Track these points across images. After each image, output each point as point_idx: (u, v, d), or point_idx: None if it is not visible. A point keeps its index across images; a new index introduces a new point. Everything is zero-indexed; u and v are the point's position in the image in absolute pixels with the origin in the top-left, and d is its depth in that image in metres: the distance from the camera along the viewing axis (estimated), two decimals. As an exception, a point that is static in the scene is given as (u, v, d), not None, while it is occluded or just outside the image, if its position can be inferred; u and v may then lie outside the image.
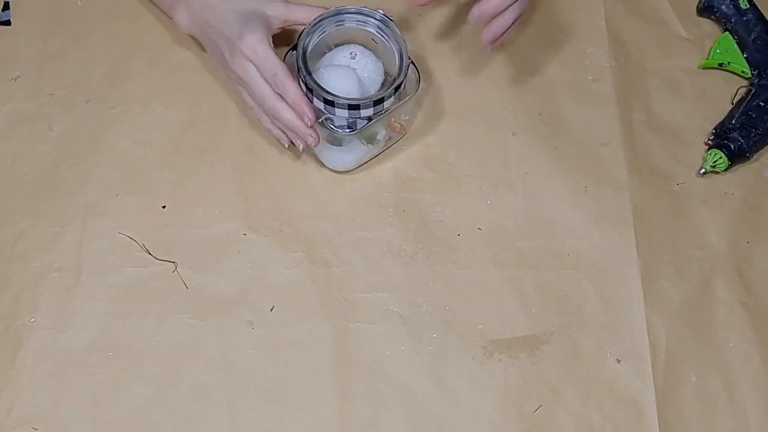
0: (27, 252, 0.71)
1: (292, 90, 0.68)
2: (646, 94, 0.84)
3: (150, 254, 0.72)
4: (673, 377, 0.70)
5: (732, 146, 0.78)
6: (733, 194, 0.79)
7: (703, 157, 0.80)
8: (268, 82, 0.69)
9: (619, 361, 0.70)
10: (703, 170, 0.79)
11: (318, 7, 0.72)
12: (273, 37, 0.72)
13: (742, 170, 0.81)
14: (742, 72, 0.84)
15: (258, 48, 0.68)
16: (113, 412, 0.66)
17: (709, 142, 0.81)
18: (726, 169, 0.79)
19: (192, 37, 0.78)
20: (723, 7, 0.85)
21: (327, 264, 0.73)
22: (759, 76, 0.83)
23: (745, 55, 0.84)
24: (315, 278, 0.72)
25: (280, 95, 0.69)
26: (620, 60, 0.85)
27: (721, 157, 0.78)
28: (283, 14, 0.72)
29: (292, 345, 0.69)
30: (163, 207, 0.74)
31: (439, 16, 0.87)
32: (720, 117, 0.82)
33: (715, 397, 0.69)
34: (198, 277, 0.71)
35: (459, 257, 0.74)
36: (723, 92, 0.84)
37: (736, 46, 0.85)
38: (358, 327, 0.70)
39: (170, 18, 0.77)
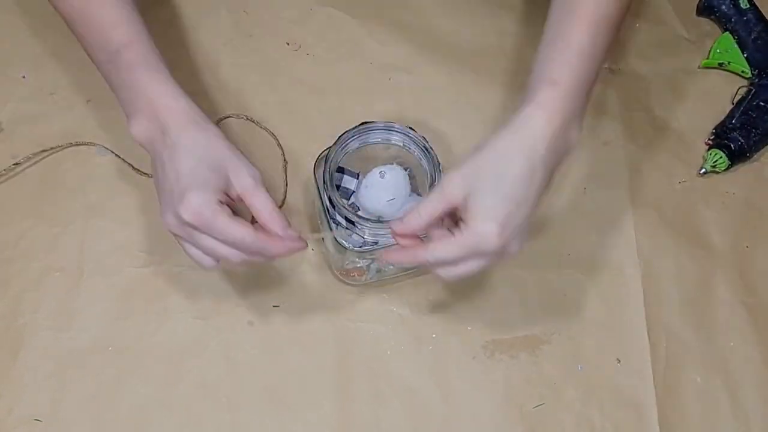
0: (28, 252, 0.71)
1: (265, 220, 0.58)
2: (646, 94, 0.84)
3: (151, 254, 0.72)
4: (673, 377, 0.70)
5: (732, 146, 0.78)
6: (734, 194, 0.79)
7: (704, 157, 0.80)
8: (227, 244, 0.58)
9: (619, 360, 0.70)
10: (703, 170, 0.79)
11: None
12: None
13: (743, 170, 0.81)
14: (742, 72, 0.84)
15: (204, 212, 0.56)
16: (114, 412, 0.66)
17: (710, 142, 0.81)
18: (726, 169, 0.79)
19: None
20: (723, 7, 0.86)
21: (327, 264, 0.72)
22: (759, 75, 0.83)
23: (745, 55, 0.84)
24: (315, 278, 0.72)
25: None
26: (620, 60, 0.85)
27: (721, 157, 0.78)
28: (247, 191, 0.59)
29: (292, 345, 0.69)
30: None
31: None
32: (720, 117, 0.82)
33: (716, 398, 0.69)
34: (199, 277, 0.71)
35: (459, 257, 0.74)
36: (723, 92, 0.84)
37: (736, 45, 0.85)
38: (358, 327, 0.70)
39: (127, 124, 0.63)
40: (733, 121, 0.80)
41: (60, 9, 0.67)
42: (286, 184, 0.77)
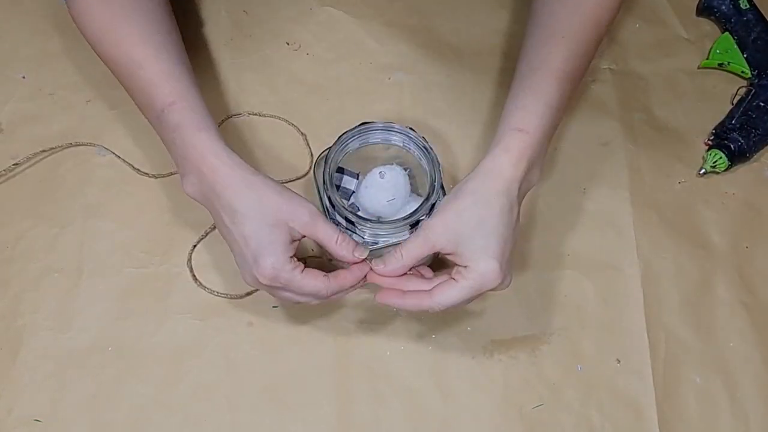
0: (28, 252, 0.71)
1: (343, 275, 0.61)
2: (646, 94, 0.84)
3: (151, 254, 0.72)
4: (673, 377, 0.70)
5: (732, 146, 0.78)
6: (733, 194, 0.79)
7: (703, 158, 0.80)
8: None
9: (619, 361, 0.70)
10: (703, 170, 0.79)
11: (352, 242, 0.62)
12: None
13: (743, 170, 0.80)
14: (742, 72, 0.84)
15: (278, 276, 0.59)
16: (113, 412, 0.66)
17: (709, 142, 0.81)
18: (726, 170, 0.79)
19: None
20: (723, 7, 0.85)
21: (327, 264, 0.73)
22: (759, 76, 0.83)
23: (744, 55, 0.84)
24: (315, 278, 0.72)
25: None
26: (620, 61, 0.85)
27: (721, 158, 0.78)
28: (307, 230, 0.61)
29: (292, 345, 0.69)
30: (163, 207, 0.74)
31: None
32: (720, 117, 0.82)
33: (715, 397, 0.69)
34: (198, 277, 0.71)
35: (459, 257, 0.74)
36: (723, 92, 0.84)
37: (735, 46, 0.84)
38: (358, 327, 0.70)
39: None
40: (733, 122, 0.80)
41: (110, 67, 0.68)
42: (312, 155, 0.77)
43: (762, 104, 0.81)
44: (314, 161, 0.66)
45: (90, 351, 0.68)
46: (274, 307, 0.71)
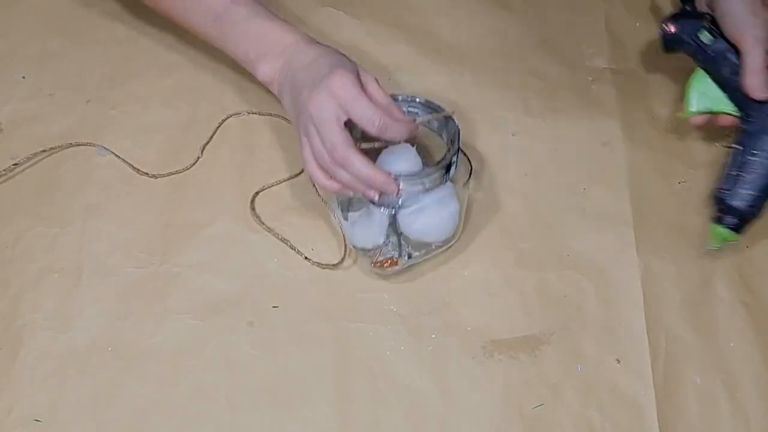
0: (27, 252, 0.72)
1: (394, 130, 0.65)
2: (645, 94, 0.84)
3: (150, 254, 0.72)
4: (673, 377, 0.70)
5: (736, 218, 0.72)
6: (733, 194, 0.79)
7: (712, 234, 0.74)
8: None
9: (619, 361, 0.70)
10: (709, 249, 0.74)
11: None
12: None
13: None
14: (732, 113, 0.73)
15: (349, 86, 0.63)
16: (113, 413, 0.66)
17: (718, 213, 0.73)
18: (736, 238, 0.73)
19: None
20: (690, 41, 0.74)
21: (327, 264, 0.73)
22: (741, 120, 0.72)
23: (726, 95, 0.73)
24: (315, 278, 0.72)
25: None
26: (620, 61, 0.85)
27: (726, 232, 0.73)
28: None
29: (292, 345, 0.69)
30: (163, 207, 0.74)
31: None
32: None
33: (715, 397, 0.69)
34: (198, 277, 0.71)
35: (459, 257, 0.74)
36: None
37: (713, 84, 0.74)
38: (358, 327, 0.70)
39: (251, 70, 0.72)
40: (727, 187, 0.72)
41: None
42: None
43: (751, 158, 0.71)
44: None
45: (90, 351, 0.68)
46: (274, 306, 0.71)
